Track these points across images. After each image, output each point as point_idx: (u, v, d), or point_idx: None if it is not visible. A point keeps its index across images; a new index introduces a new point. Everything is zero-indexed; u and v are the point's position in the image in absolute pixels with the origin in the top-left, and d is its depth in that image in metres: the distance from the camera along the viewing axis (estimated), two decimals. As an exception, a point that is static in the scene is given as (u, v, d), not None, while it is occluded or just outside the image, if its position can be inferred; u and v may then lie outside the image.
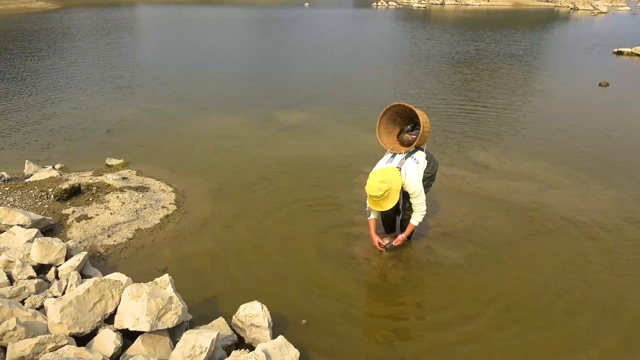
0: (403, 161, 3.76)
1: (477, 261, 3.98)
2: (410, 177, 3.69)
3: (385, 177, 3.59)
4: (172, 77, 12.27)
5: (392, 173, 3.65)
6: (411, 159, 3.81)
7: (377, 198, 3.60)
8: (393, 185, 3.59)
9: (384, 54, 17.79)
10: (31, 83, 10.93)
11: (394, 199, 3.62)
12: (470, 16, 44.07)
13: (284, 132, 7.52)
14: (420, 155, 3.90)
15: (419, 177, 3.75)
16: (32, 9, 38.96)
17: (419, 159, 3.85)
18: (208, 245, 4.17)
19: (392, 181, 3.59)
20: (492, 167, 6.11)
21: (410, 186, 3.71)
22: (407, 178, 3.69)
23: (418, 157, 3.86)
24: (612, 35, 25.58)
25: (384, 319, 3.31)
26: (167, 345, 2.71)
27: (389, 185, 3.56)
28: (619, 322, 3.29)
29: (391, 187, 3.57)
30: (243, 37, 23.11)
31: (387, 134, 4.07)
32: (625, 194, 5.37)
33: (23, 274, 3.20)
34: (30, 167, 5.51)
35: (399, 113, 4.03)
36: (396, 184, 3.61)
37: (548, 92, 11.17)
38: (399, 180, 3.64)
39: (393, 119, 4.08)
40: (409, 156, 3.82)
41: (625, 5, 68.61)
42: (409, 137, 3.95)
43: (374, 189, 3.57)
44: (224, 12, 44.04)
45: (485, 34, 25.17)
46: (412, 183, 3.70)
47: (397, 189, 3.60)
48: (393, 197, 3.61)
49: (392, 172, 3.66)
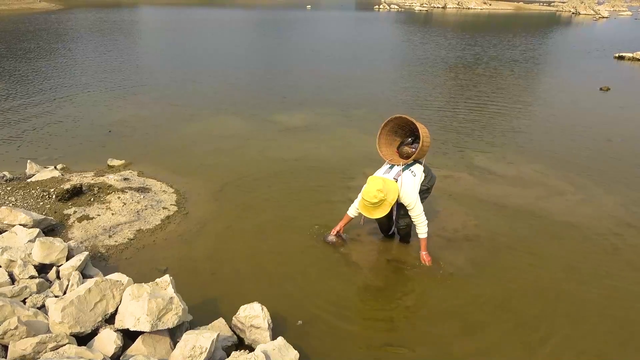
0: (400, 173, 3.80)
1: (476, 265, 3.99)
2: (405, 190, 3.74)
3: (383, 187, 3.63)
4: (174, 78, 12.31)
5: (391, 185, 3.69)
6: (408, 171, 3.84)
7: (369, 204, 3.65)
8: (388, 198, 3.64)
9: (385, 57, 17.83)
10: (33, 83, 10.96)
11: (384, 210, 3.67)
12: (471, 20, 44.11)
13: (285, 134, 7.54)
14: (418, 168, 3.93)
15: (414, 190, 3.79)
16: (34, 9, 39.06)
17: (416, 172, 3.88)
18: (209, 246, 4.18)
19: (388, 193, 3.64)
20: (492, 171, 6.12)
21: (405, 198, 3.76)
22: (403, 190, 3.74)
23: (416, 170, 3.89)
24: (614, 40, 25.60)
25: (384, 322, 3.32)
26: (168, 346, 2.72)
27: (385, 195, 3.61)
28: (617, 324, 3.29)
29: (386, 199, 3.63)
30: (244, 39, 23.16)
31: (387, 145, 4.10)
32: (626, 198, 5.38)
33: (24, 273, 3.22)
34: (32, 167, 5.53)
35: (401, 125, 4.05)
36: (392, 197, 3.66)
37: (549, 97, 11.18)
38: (395, 194, 3.68)
39: (394, 131, 4.10)
40: (406, 169, 3.86)
41: (627, 10, 68.66)
42: (409, 150, 4.00)
43: (370, 195, 3.62)
44: (225, 13, 44.13)
45: (485, 39, 25.20)
46: (407, 195, 3.75)
47: (391, 202, 3.66)
48: (384, 208, 3.66)
49: (391, 185, 3.70)
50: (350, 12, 53.94)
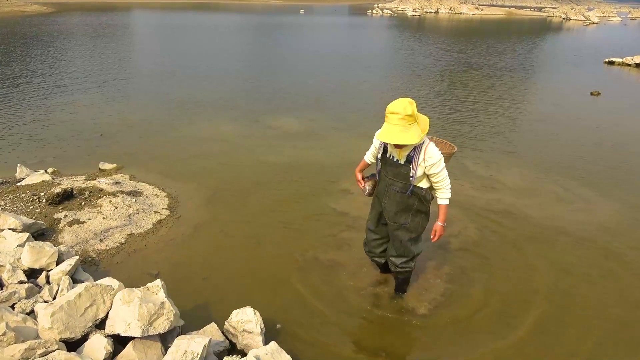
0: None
1: (471, 270, 4.00)
2: (430, 149, 2.99)
3: (414, 110, 2.88)
4: (167, 82, 12.27)
5: (422, 116, 3.00)
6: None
7: (399, 120, 2.82)
8: (420, 123, 2.92)
9: (378, 62, 17.91)
10: (23, 87, 10.87)
11: (412, 136, 2.84)
12: (464, 25, 44.49)
13: (278, 138, 7.53)
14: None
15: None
16: (26, 12, 38.81)
17: None
18: (201, 250, 4.16)
19: (419, 117, 2.95)
20: (482, 176, 6.15)
21: (431, 158, 2.97)
22: (428, 149, 2.98)
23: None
24: (604, 46, 25.94)
25: (377, 326, 3.32)
26: (159, 351, 2.69)
27: (416, 115, 2.89)
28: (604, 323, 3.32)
29: (417, 121, 2.89)
30: (238, 43, 23.16)
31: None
32: (616, 201, 5.43)
33: (13, 278, 3.18)
34: (23, 170, 5.47)
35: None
36: (423, 125, 2.93)
37: (539, 101, 11.29)
38: (426, 125, 2.95)
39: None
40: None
41: (617, 16, 69.60)
42: None
43: (400, 106, 2.83)
44: (219, 17, 44.16)
45: (477, 44, 25.41)
46: (433, 153, 2.98)
47: (421, 131, 2.90)
48: (414, 133, 2.85)
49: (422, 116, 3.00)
50: (343, 17, 54.17)
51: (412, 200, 3.14)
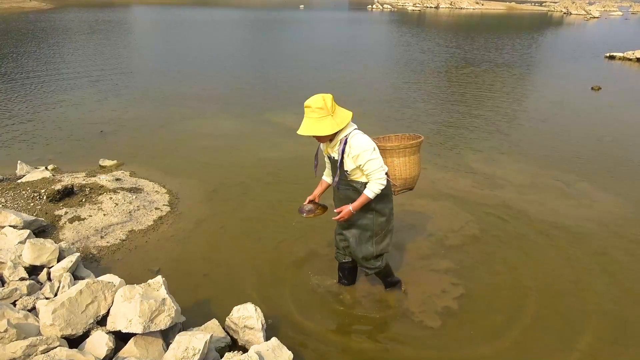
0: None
1: (469, 267, 4.00)
2: (357, 140, 2.98)
3: (327, 104, 2.95)
4: (167, 78, 12.24)
5: (343, 111, 3.04)
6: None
7: (311, 112, 2.95)
8: (336, 117, 2.96)
9: (377, 57, 17.86)
10: (23, 83, 10.85)
11: (325, 127, 2.92)
12: (464, 20, 44.31)
13: (279, 134, 7.52)
14: None
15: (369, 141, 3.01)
16: (25, 8, 38.68)
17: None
18: (201, 246, 4.16)
19: (336, 109, 2.99)
20: (483, 172, 6.14)
21: (355, 147, 2.95)
22: (354, 141, 2.97)
23: None
24: (605, 40, 25.84)
25: (377, 322, 3.32)
26: (160, 347, 2.69)
27: (330, 107, 2.94)
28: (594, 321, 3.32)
29: (331, 114, 2.94)
30: (237, 39, 23.10)
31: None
32: (617, 196, 5.42)
33: (15, 275, 3.18)
34: (23, 167, 5.47)
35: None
36: (339, 119, 2.97)
37: (540, 96, 11.26)
38: (345, 119, 2.98)
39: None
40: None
41: (618, 10, 69.31)
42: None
43: (312, 100, 2.95)
44: (219, 13, 43.99)
45: (477, 39, 25.32)
46: (359, 143, 2.96)
47: (336, 124, 2.94)
48: (328, 124, 2.92)
49: (344, 111, 3.05)
50: (343, 12, 53.97)
51: (355, 195, 3.09)
